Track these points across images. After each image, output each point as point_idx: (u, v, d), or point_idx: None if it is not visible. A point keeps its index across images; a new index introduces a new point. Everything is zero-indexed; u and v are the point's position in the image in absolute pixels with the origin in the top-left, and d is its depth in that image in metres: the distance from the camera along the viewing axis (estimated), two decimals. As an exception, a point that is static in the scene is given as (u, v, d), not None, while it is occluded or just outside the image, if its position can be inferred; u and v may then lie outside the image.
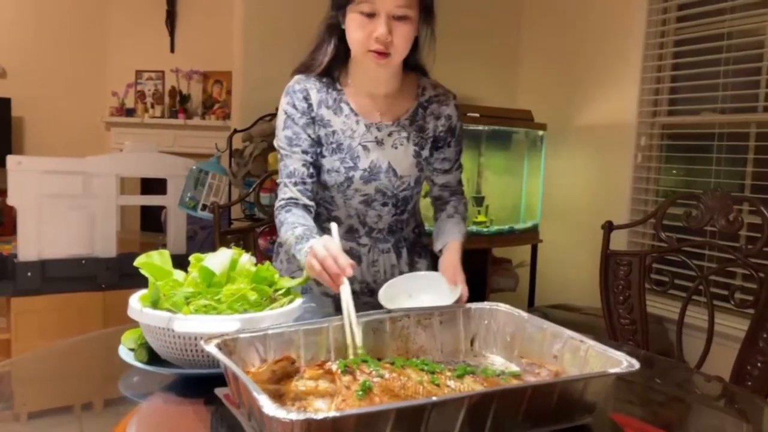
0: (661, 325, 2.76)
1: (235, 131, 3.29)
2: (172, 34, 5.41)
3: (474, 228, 3.04)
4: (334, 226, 1.22)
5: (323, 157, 1.41)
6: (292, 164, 1.39)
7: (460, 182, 1.56)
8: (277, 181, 1.43)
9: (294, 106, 1.40)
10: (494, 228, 3.10)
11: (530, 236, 3.25)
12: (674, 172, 3.08)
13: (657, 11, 3.01)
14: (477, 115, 3.00)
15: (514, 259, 3.41)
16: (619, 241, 2.85)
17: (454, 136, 1.49)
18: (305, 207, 1.38)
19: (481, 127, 3.08)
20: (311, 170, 1.40)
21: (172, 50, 5.42)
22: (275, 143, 1.44)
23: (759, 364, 1.48)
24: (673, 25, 2.98)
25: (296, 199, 1.38)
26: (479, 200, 3.15)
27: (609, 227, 1.79)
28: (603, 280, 1.78)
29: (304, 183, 1.39)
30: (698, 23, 2.86)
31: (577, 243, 3.33)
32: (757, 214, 1.56)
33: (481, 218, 3.10)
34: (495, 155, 3.25)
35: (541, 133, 3.28)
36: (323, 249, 1.14)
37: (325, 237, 1.19)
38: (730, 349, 1.55)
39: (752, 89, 2.67)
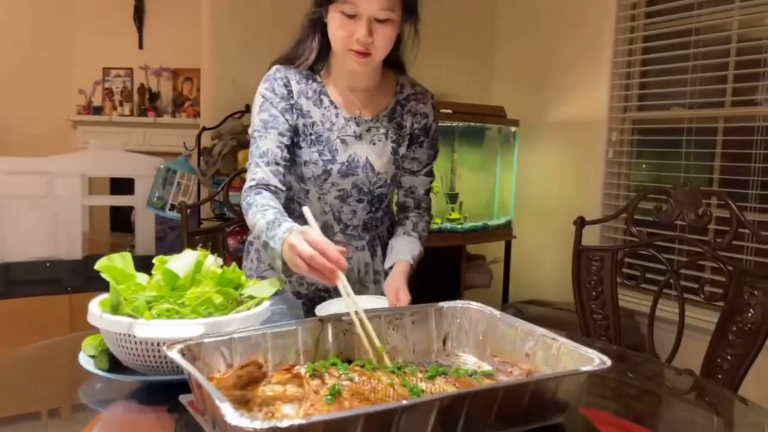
0: (633, 319, 2.79)
1: (204, 129, 3.23)
2: (140, 30, 5.31)
3: (448, 225, 3.04)
4: (307, 210, 1.15)
5: (300, 148, 1.38)
6: (265, 144, 1.34)
7: (427, 193, 1.52)
8: (247, 164, 1.37)
9: (273, 91, 1.37)
10: (468, 225, 3.10)
11: (504, 233, 3.25)
12: (644, 166, 3.11)
13: (626, 7, 3.04)
14: (450, 111, 2.99)
15: (488, 256, 3.42)
16: (592, 236, 2.87)
17: (427, 136, 1.47)
18: (275, 191, 1.32)
19: (454, 124, 3.08)
20: (285, 153, 1.35)
21: (141, 47, 5.33)
22: (249, 130, 1.40)
23: (729, 357, 1.49)
24: (642, 21, 3.01)
25: (267, 180, 1.31)
26: (453, 197, 3.14)
27: (581, 223, 1.79)
28: (575, 276, 1.78)
29: (277, 164, 1.33)
30: (666, 19, 2.89)
31: (550, 238, 3.35)
32: (725, 208, 1.58)
33: (455, 215, 3.09)
34: (468, 152, 3.24)
35: (513, 129, 3.28)
36: (306, 245, 1.06)
37: (304, 228, 1.11)
38: (700, 342, 1.56)
39: (720, 84, 2.71)
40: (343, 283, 1.06)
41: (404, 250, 1.40)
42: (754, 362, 1.43)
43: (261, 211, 1.24)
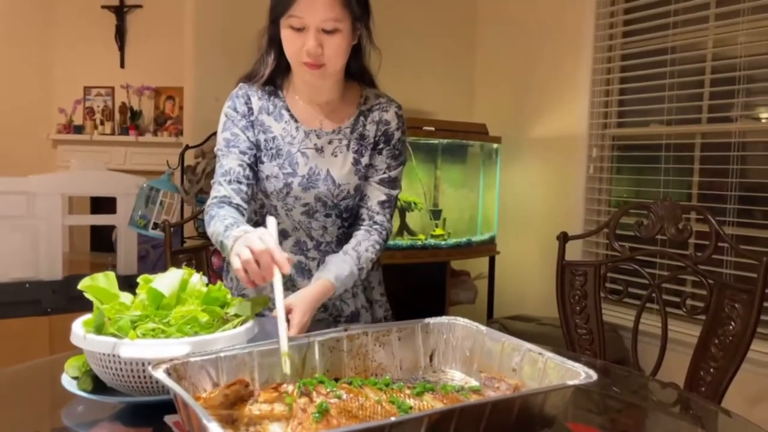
0: (617, 333, 2.80)
1: (187, 147, 3.22)
2: (121, 49, 5.30)
3: (432, 241, 3.05)
4: (270, 219, 1.16)
5: (262, 162, 1.40)
6: (228, 163, 1.36)
7: (382, 205, 1.43)
8: (213, 181, 1.39)
9: (234, 109, 1.40)
10: (452, 241, 3.11)
11: (488, 248, 3.27)
12: (625, 182, 3.15)
13: (604, 26, 3.10)
14: (432, 128, 3.02)
15: (473, 272, 3.43)
16: (574, 251, 2.90)
17: (388, 144, 1.43)
18: (237, 207, 1.33)
19: (436, 141, 3.10)
20: (247, 171, 1.37)
21: (122, 65, 5.31)
22: (215, 148, 1.42)
23: (711, 370, 1.51)
24: (620, 39, 3.07)
25: (229, 198, 1.33)
26: (436, 213, 3.16)
27: (564, 238, 1.80)
28: (559, 291, 1.79)
29: (239, 182, 1.35)
30: (643, 38, 2.95)
31: (534, 254, 3.37)
32: (704, 223, 1.60)
33: (438, 231, 3.10)
34: (451, 169, 3.27)
35: (496, 146, 3.32)
36: (259, 241, 1.06)
37: (261, 229, 1.11)
38: (683, 355, 1.58)
39: (696, 101, 2.76)
40: (278, 284, 1.05)
41: (332, 268, 1.32)
42: (736, 374, 1.45)
43: (221, 220, 1.26)
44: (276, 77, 1.41)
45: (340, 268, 1.32)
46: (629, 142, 3.09)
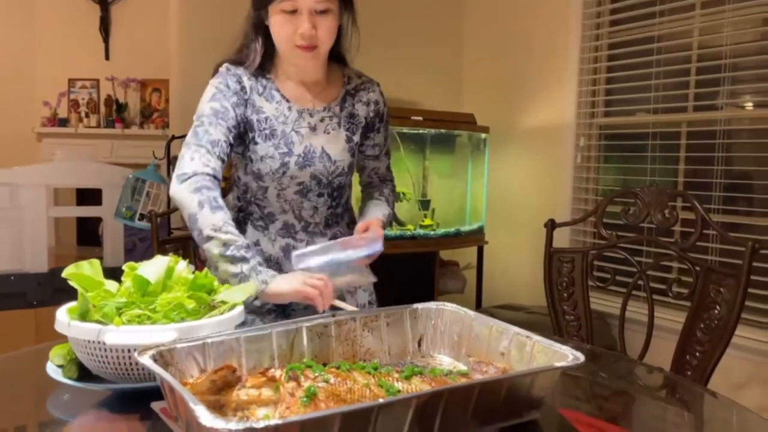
0: (604, 321, 2.82)
1: (174, 138, 3.19)
2: (106, 40, 5.23)
3: (421, 231, 3.05)
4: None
5: (256, 143, 1.38)
6: (216, 134, 1.32)
7: (389, 168, 1.59)
8: (189, 144, 1.32)
9: (226, 85, 1.37)
10: (441, 231, 3.11)
11: (476, 238, 3.27)
12: (612, 171, 3.16)
13: (591, 16, 3.10)
14: (420, 118, 3.01)
15: (461, 262, 3.43)
16: (562, 241, 2.91)
17: (382, 121, 1.51)
18: (219, 185, 1.31)
19: (424, 131, 3.10)
20: (228, 150, 1.34)
21: (107, 57, 5.24)
22: (195, 115, 1.36)
23: (697, 354, 1.52)
24: (607, 29, 3.08)
25: (215, 172, 1.29)
26: (425, 204, 3.16)
27: (552, 225, 1.81)
28: (547, 278, 1.80)
29: (222, 160, 1.32)
30: (630, 27, 2.96)
31: (522, 243, 3.39)
32: (690, 210, 1.61)
33: (427, 221, 3.10)
34: (439, 159, 3.27)
35: (484, 135, 3.32)
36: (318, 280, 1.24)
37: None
38: (669, 342, 1.59)
39: (682, 90, 2.78)
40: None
41: (376, 210, 1.47)
42: (721, 358, 1.47)
43: (225, 212, 1.27)
44: (264, 62, 1.41)
45: (382, 209, 1.49)
46: (616, 131, 3.10)
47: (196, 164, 1.28)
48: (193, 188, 1.26)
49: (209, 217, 1.23)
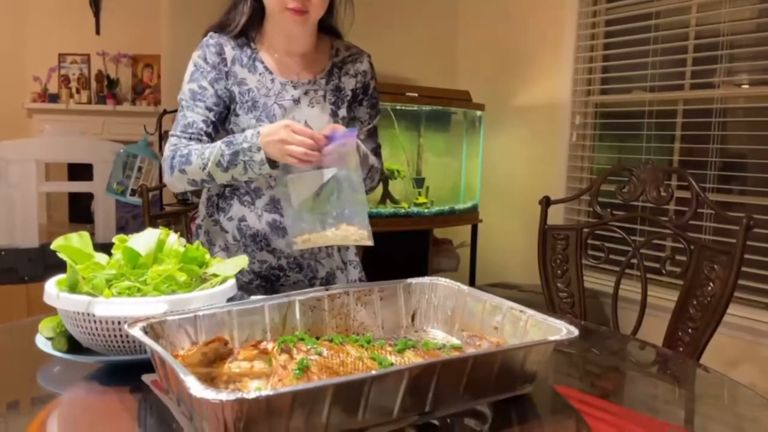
0: (597, 299, 2.83)
1: (165, 112, 3.15)
2: (97, 15, 5.14)
3: (415, 209, 3.04)
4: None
5: (237, 115, 1.36)
6: (191, 116, 1.32)
7: (375, 152, 1.47)
8: (171, 131, 1.34)
9: (205, 59, 1.35)
10: (435, 209, 3.10)
11: (470, 216, 3.27)
12: (607, 150, 3.15)
13: (589, -8, 3.07)
14: (415, 95, 2.98)
15: (455, 240, 3.43)
16: (556, 220, 2.90)
17: (366, 94, 1.45)
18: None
19: (419, 108, 3.07)
20: (210, 129, 1.33)
21: (98, 32, 5.16)
22: (178, 96, 1.37)
23: (690, 330, 1.52)
24: (604, 5, 3.04)
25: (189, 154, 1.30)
26: (419, 182, 3.14)
27: (546, 202, 1.80)
28: (541, 255, 1.80)
29: (200, 139, 1.32)
30: (628, 3, 2.93)
31: (516, 222, 3.38)
32: (685, 189, 1.61)
33: (421, 199, 3.09)
34: (434, 136, 3.25)
35: (479, 113, 3.29)
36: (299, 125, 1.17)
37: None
38: (662, 320, 1.59)
39: (679, 67, 2.76)
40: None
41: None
42: (713, 335, 1.47)
43: (207, 146, 1.27)
44: (248, 29, 1.38)
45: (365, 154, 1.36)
46: (612, 109, 3.09)
47: (169, 149, 1.33)
48: (177, 162, 1.30)
49: (193, 168, 1.28)
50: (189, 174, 1.30)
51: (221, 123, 1.37)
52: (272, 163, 1.23)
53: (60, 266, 1.00)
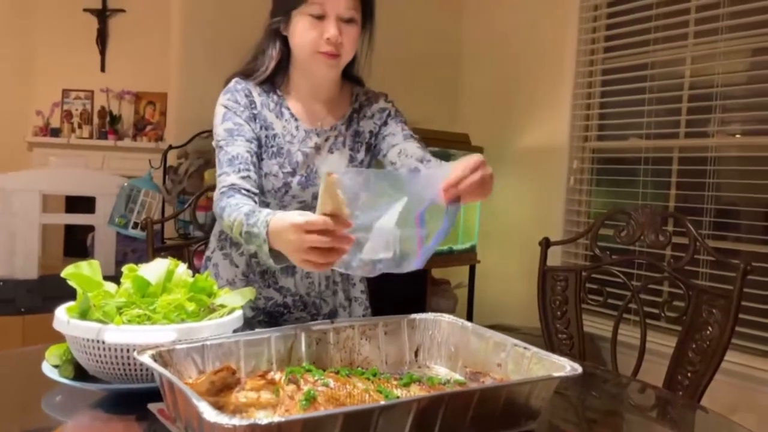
0: (595, 344, 2.83)
1: (171, 147, 3.19)
2: (102, 53, 5.25)
3: (413, 249, 3.04)
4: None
5: (261, 159, 1.37)
6: (234, 150, 1.30)
7: (425, 149, 1.40)
8: (217, 174, 1.31)
9: (236, 101, 1.35)
10: (433, 249, 3.11)
11: (468, 257, 3.28)
12: (604, 195, 3.19)
13: (586, 42, 3.16)
14: (416, 136, 3.03)
15: (453, 281, 3.43)
16: (553, 263, 2.91)
17: (392, 116, 1.44)
18: (248, 193, 1.26)
19: (419, 149, 3.11)
20: (254, 159, 1.32)
21: (103, 69, 5.26)
22: (213, 142, 1.36)
23: (689, 374, 1.53)
24: (601, 55, 3.13)
25: (238, 186, 1.26)
26: (418, 222, 3.16)
27: (546, 243, 1.83)
28: (540, 296, 1.81)
29: (248, 169, 1.29)
30: (624, 54, 3.02)
31: (514, 264, 3.40)
32: (682, 235, 1.63)
33: (420, 239, 3.10)
34: (433, 178, 3.27)
35: (478, 156, 3.33)
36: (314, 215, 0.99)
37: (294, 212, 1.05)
38: (660, 365, 1.59)
39: (674, 116, 2.83)
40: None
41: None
42: (713, 379, 1.47)
43: (236, 209, 1.19)
44: (274, 75, 1.39)
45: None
46: (609, 155, 3.14)
47: (218, 190, 1.27)
48: (219, 212, 1.24)
49: (230, 224, 1.20)
50: (225, 225, 1.25)
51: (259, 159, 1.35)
52: (279, 258, 1.12)
53: (57, 298, 1.00)
